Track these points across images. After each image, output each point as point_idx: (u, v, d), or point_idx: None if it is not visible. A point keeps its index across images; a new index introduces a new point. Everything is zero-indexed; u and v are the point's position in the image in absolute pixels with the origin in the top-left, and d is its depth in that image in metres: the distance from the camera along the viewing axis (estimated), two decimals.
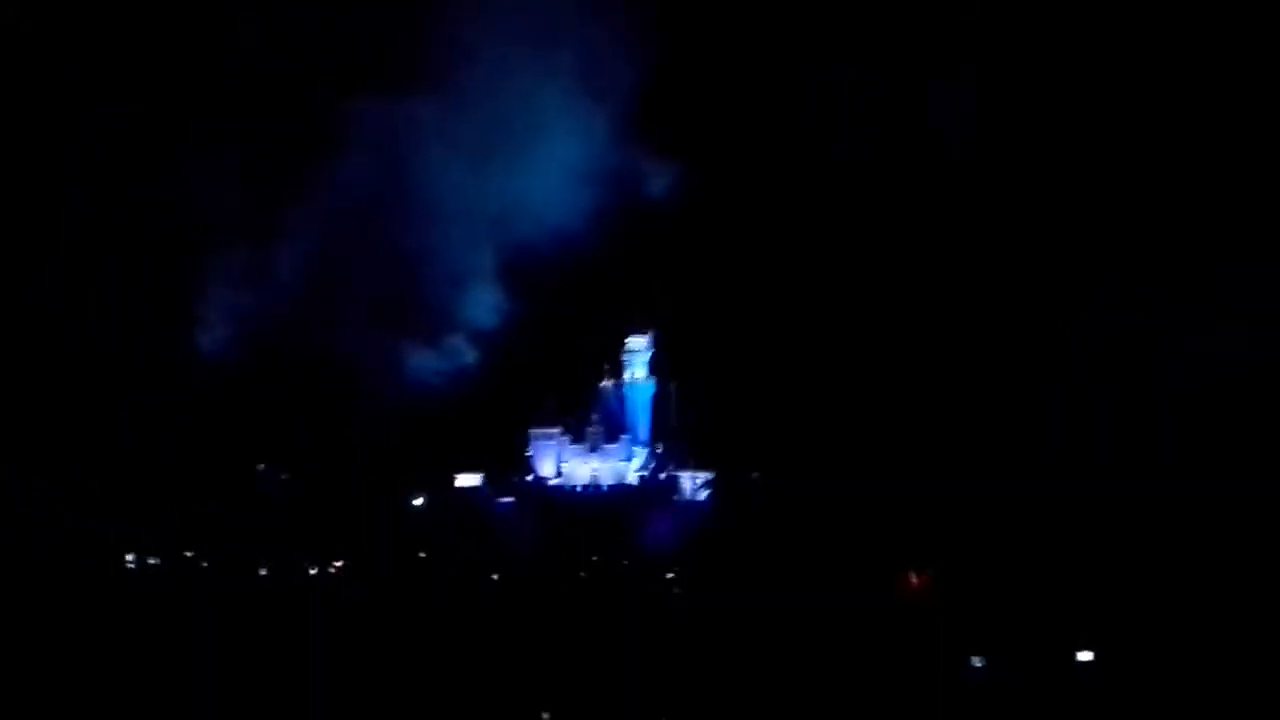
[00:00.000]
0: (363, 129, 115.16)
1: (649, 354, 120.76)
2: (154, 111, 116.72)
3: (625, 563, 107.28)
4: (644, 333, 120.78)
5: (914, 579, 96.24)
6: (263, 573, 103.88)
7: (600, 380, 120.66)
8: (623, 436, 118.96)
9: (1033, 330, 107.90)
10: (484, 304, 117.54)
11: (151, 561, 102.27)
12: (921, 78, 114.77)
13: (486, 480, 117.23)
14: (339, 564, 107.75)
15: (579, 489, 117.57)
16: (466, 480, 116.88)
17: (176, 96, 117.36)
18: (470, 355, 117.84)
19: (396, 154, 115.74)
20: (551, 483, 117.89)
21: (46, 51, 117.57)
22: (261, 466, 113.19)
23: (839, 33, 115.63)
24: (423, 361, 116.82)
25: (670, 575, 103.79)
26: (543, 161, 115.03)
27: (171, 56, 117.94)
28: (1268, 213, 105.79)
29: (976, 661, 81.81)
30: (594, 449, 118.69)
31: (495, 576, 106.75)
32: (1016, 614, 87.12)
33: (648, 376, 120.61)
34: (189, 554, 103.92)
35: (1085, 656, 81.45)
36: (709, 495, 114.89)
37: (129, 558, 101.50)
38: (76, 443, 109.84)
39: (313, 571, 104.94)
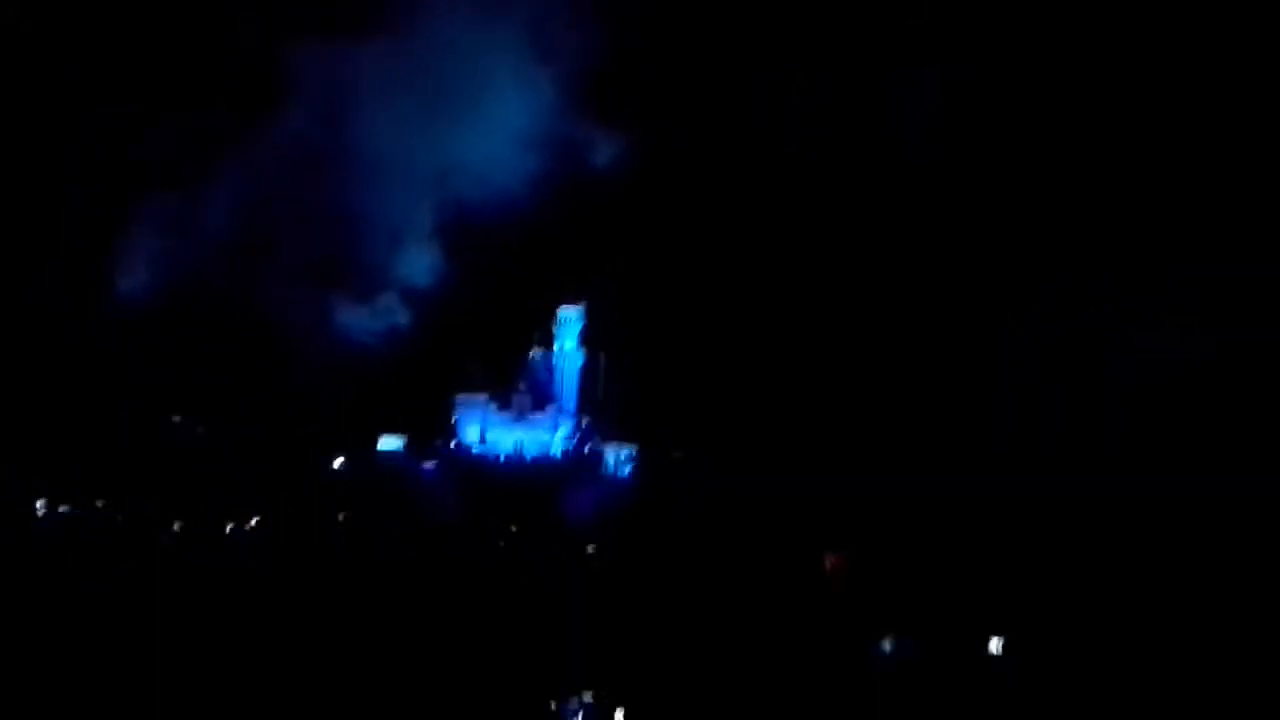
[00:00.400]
0: (302, 77, 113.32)
1: (580, 325, 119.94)
2: (86, 52, 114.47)
3: (545, 533, 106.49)
4: (576, 303, 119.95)
5: (829, 561, 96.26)
6: (176, 528, 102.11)
7: (529, 349, 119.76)
8: (549, 406, 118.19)
9: (978, 313, 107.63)
10: (417, 264, 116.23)
11: (62, 510, 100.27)
12: (878, 65, 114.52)
13: (409, 444, 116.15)
14: (254, 521, 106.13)
15: (502, 457, 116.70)
16: (388, 443, 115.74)
17: (113, 39, 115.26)
18: (400, 316, 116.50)
19: (336, 105, 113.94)
20: (475, 450, 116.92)
21: None
22: (178, 418, 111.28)
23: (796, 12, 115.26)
24: (351, 319, 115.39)
25: (590, 548, 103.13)
26: (485, 122, 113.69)
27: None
28: (1232, 208, 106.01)
29: (886, 645, 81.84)
30: (520, 417, 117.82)
31: (417, 541, 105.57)
32: (933, 599, 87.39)
33: (578, 347, 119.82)
34: (100, 504, 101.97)
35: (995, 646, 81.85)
36: (632, 470, 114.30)
37: (38, 504, 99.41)
38: None
39: (228, 529, 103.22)
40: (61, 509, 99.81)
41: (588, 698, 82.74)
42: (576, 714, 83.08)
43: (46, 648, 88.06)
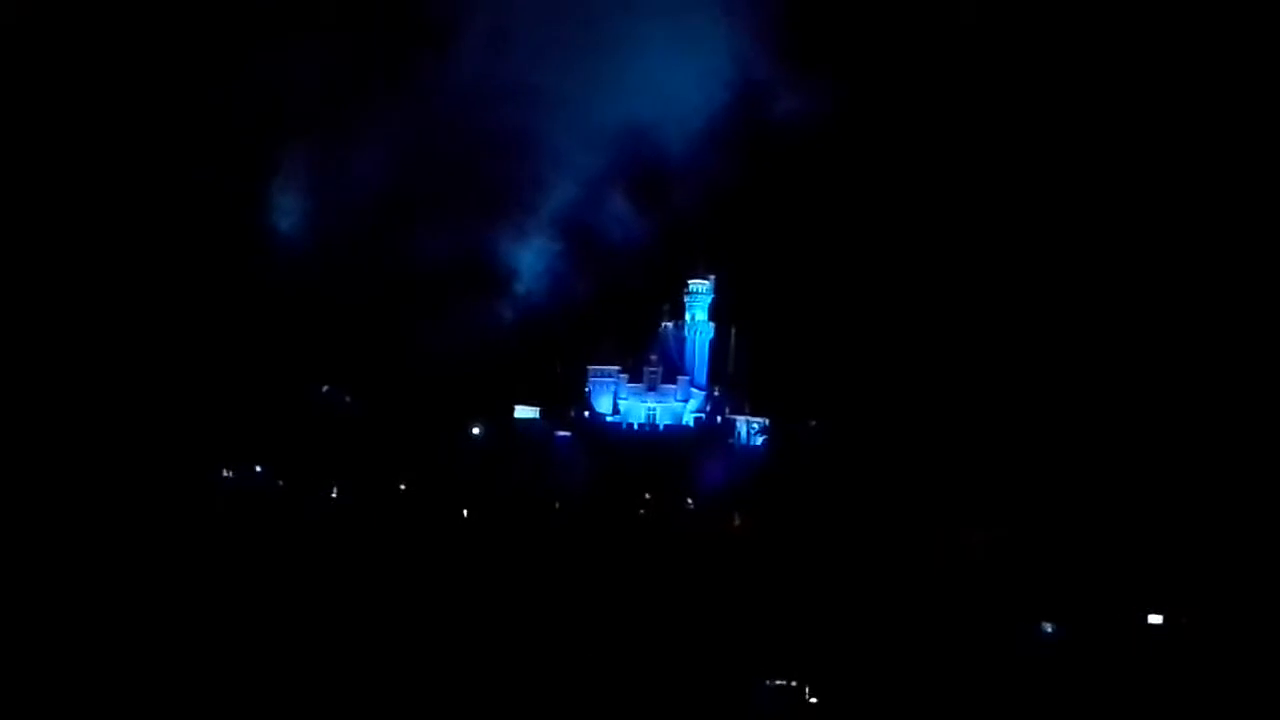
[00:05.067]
0: (462, 31, 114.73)
1: (710, 298, 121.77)
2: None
3: (689, 502, 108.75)
4: (706, 276, 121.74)
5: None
6: (334, 493, 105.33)
7: (661, 321, 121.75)
8: (680, 378, 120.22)
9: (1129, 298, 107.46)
10: (553, 240, 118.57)
11: (226, 474, 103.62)
12: None
13: (543, 413, 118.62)
14: (402, 487, 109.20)
15: (635, 427, 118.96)
16: (525, 412, 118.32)
17: None
18: (537, 292, 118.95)
19: (490, 77, 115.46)
20: (608, 419, 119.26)
21: None
22: (325, 388, 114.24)
23: None
24: (491, 297, 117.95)
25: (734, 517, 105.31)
26: (638, 97, 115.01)
27: None
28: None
29: (1048, 627, 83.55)
30: (651, 388, 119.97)
31: (556, 505, 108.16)
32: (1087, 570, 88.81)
33: (708, 320, 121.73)
34: (259, 469, 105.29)
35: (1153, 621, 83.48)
36: (764, 441, 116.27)
37: (226, 472, 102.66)
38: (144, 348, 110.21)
39: (379, 494, 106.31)
40: (226, 474, 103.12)
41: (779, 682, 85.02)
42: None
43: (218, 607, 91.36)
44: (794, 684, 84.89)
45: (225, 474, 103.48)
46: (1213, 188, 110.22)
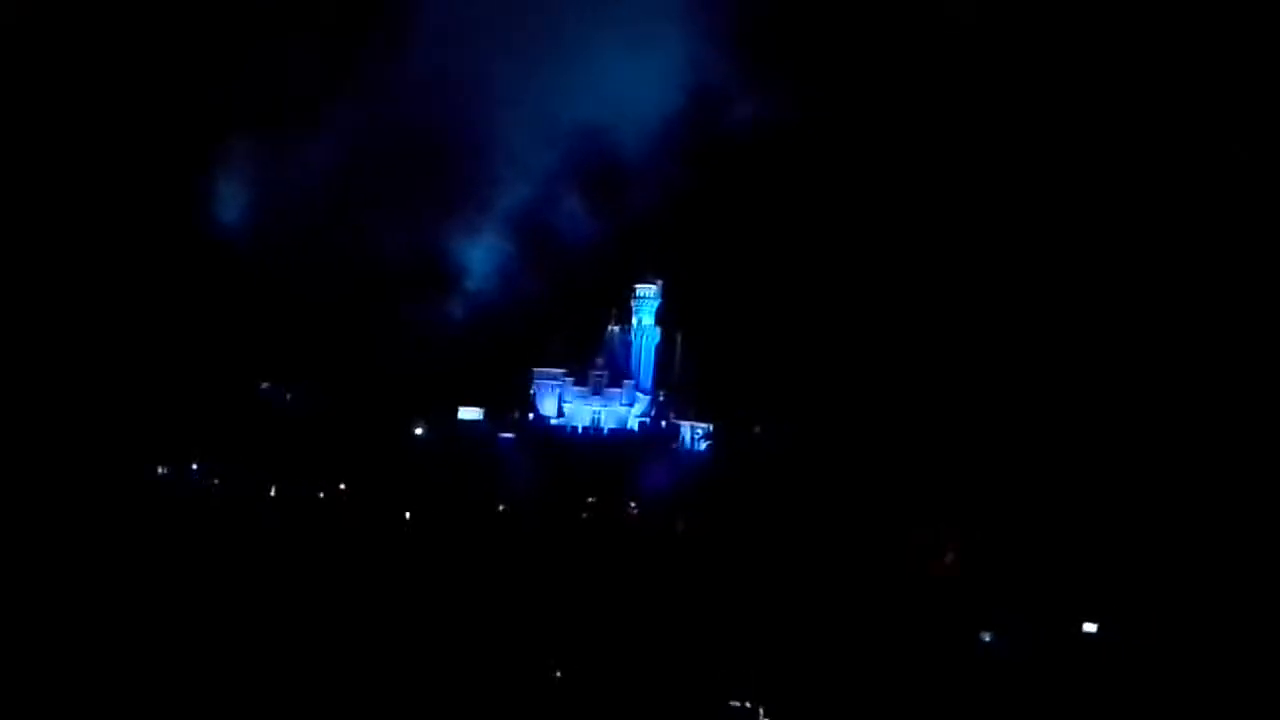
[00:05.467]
0: (418, 27, 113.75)
1: (657, 302, 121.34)
2: None
3: (632, 506, 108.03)
4: (653, 281, 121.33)
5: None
6: (272, 492, 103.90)
7: (607, 325, 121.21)
8: (626, 382, 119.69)
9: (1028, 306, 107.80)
10: (502, 241, 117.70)
11: (161, 471, 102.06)
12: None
13: (487, 415, 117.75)
14: (341, 487, 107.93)
15: (579, 430, 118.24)
16: (468, 413, 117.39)
17: None
18: (483, 291, 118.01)
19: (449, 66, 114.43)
20: (553, 422, 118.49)
21: None
22: (266, 384, 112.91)
23: None
24: (435, 293, 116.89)
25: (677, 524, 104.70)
26: (588, 99, 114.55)
27: None
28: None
29: (985, 636, 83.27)
30: (597, 392, 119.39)
31: (501, 508, 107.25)
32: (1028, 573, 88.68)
33: (654, 324, 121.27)
34: (195, 466, 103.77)
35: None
36: (709, 446, 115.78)
37: (161, 470, 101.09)
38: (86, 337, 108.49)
39: (320, 495, 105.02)
40: (160, 470, 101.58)
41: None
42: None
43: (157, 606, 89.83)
44: (748, 705, 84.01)
45: (159, 470, 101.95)
46: (1198, 183, 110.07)
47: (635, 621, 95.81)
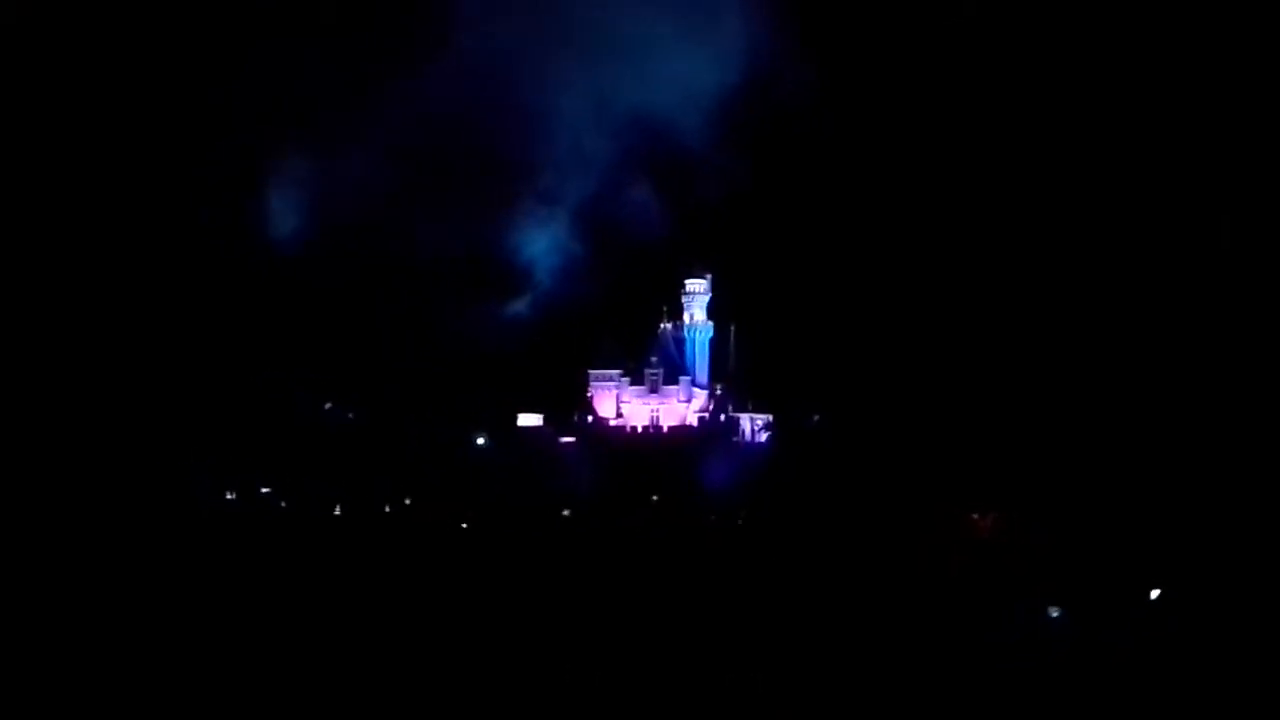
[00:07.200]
0: (468, 20, 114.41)
1: (707, 297, 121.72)
2: None
3: (693, 500, 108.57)
4: (703, 275, 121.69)
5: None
6: (337, 511, 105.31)
7: (659, 323, 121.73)
8: (682, 378, 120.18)
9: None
10: (549, 246, 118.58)
11: (229, 497, 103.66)
12: None
13: (547, 420, 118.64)
14: (407, 502, 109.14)
15: (639, 429, 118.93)
16: (528, 420, 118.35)
17: None
18: (532, 297, 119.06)
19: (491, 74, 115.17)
20: (612, 423, 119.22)
21: None
22: (329, 405, 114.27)
23: None
24: (488, 304, 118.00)
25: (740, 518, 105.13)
26: (634, 94, 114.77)
27: None
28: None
29: (1053, 611, 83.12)
30: (653, 390, 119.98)
31: (565, 513, 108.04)
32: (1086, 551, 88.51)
33: (706, 319, 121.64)
34: (265, 491, 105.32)
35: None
36: (769, 437, 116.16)
37: (229, 495, 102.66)
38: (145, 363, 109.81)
39: (386, 510, 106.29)
40: (228, 496, 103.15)
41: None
42: None
43: (223, 629, 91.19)
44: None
45: (228, 496, 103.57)
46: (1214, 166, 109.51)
47: (700, 617, 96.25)
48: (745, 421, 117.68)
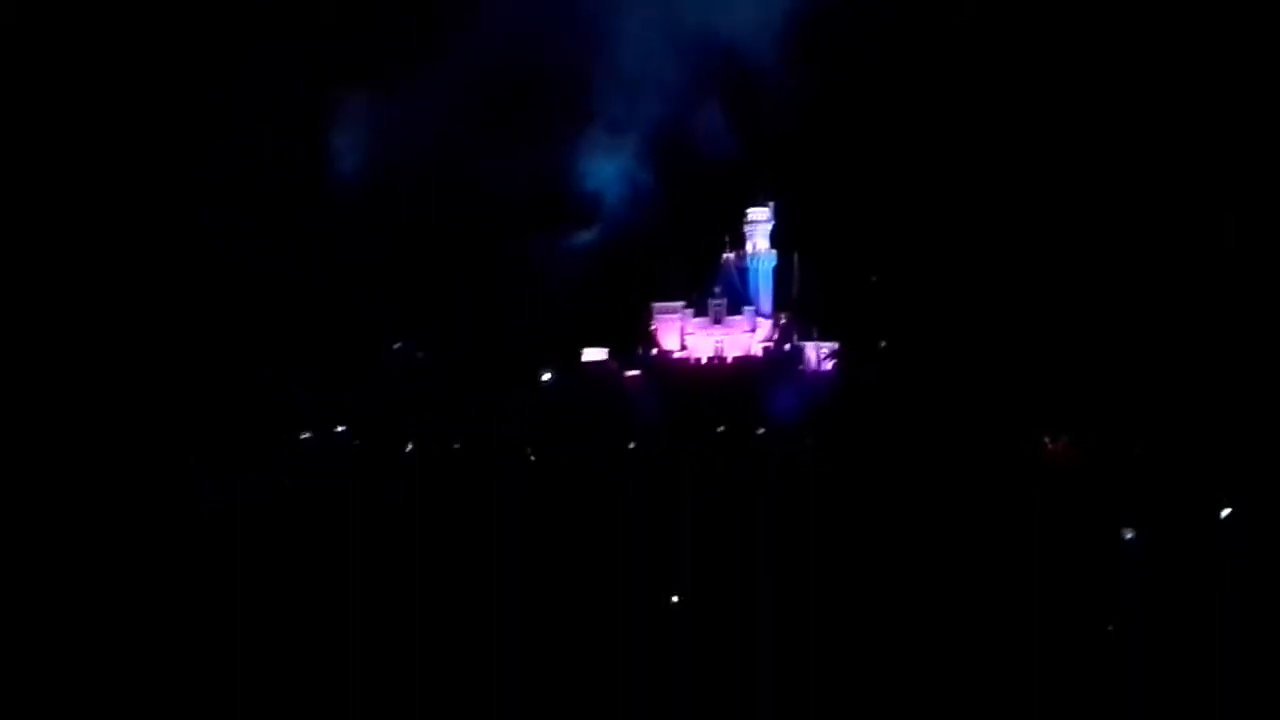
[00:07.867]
0: None
1: (770, 225, 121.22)
2: None
3: (760, 431, 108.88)
4: (765, 204, 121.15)
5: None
6: (409, 448, 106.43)
7: (721, 253, 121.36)
8: (745, 309, 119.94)
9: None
10: (610, 177, 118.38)
11: (304, 436, 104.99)
12: None
13: (611, 354, 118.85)
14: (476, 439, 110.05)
15: (703, 361, 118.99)
16: (592, 355, 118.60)
17: None
18: (594, 230, 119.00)
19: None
20: (676, 355, 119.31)
21: None
22: (397, 345, 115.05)
23: None
24: (549, 237, 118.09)
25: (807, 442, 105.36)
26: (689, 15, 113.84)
27: None
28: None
29: (1127, 533, 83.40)
30: (717, 321, 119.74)
31: (631, 446, 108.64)
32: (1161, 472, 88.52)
33: (769, 248, 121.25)
34: (339, 429, 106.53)
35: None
36: (834, 365, 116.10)
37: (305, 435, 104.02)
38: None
39: (455, 447, 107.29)
40: (304, 436, 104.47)
41: None
42: None
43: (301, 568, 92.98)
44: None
45: (304, 437, 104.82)
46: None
47: (772, 549, 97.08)
48: (810, 350, 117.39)
